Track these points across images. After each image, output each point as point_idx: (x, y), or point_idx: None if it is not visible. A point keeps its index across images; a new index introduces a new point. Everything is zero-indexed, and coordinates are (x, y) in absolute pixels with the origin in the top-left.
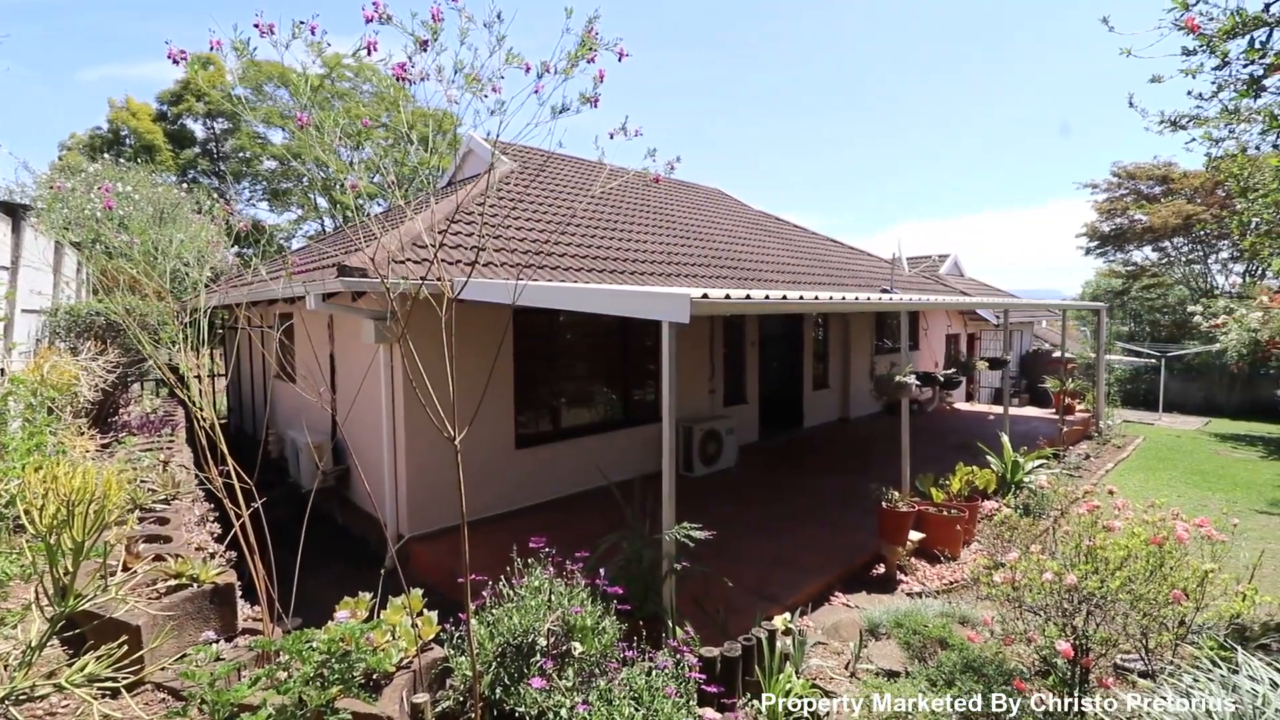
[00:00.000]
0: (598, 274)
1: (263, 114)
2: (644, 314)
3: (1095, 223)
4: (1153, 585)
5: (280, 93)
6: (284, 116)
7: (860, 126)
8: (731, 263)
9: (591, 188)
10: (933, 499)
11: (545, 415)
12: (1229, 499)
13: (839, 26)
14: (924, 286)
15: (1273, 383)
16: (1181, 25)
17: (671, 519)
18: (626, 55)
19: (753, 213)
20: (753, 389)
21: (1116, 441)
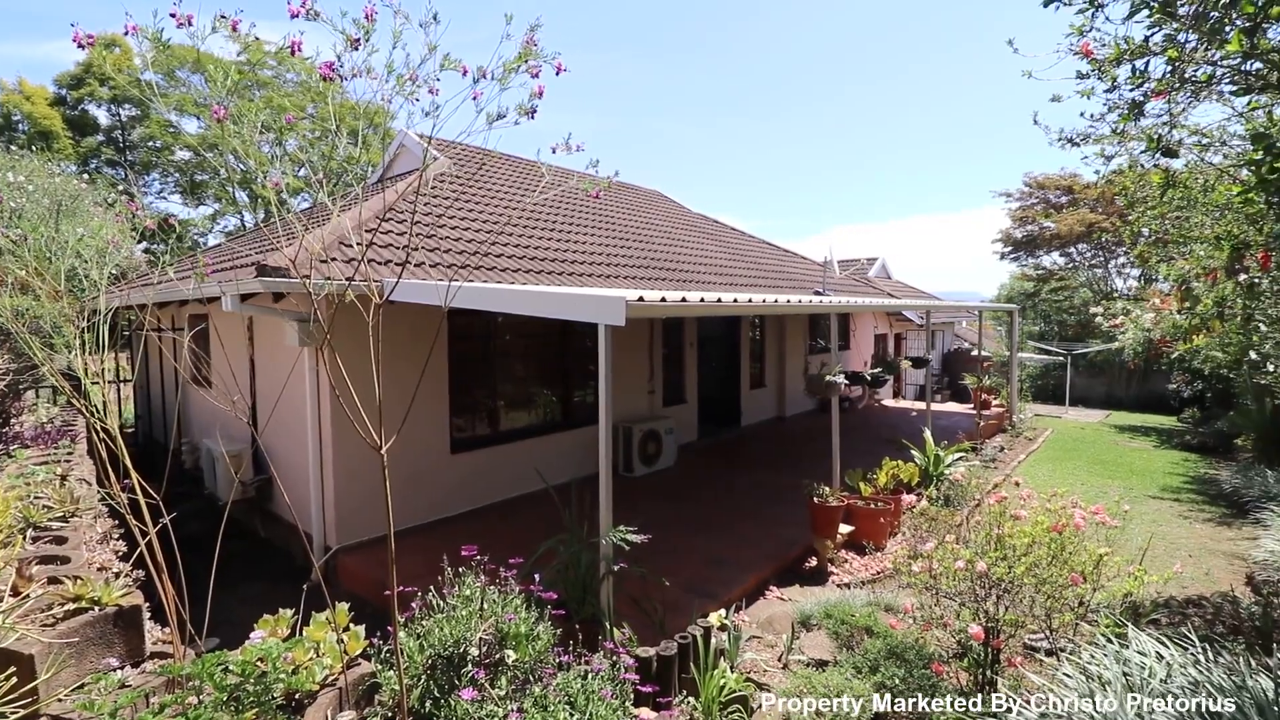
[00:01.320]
0: (535, 275)
1: (175, 101)
2: (580, 316)
3: (1009, 229)
4: (1054, 569)
5: (195, 78)
6: (199, 105)
7: (794, 132)
8: (670, 264)
9: (531, 186)
10: (861, 493)
11: (483, 418)
12: (1126, 486)
13: (777, 34)
14: (854, 289)
15: (1164, 378)
16: (1077, 50)
17: (609, 522)
18: (564, 70)
19: (691, 215)
20: (692, 389)
21: (1028, 434)
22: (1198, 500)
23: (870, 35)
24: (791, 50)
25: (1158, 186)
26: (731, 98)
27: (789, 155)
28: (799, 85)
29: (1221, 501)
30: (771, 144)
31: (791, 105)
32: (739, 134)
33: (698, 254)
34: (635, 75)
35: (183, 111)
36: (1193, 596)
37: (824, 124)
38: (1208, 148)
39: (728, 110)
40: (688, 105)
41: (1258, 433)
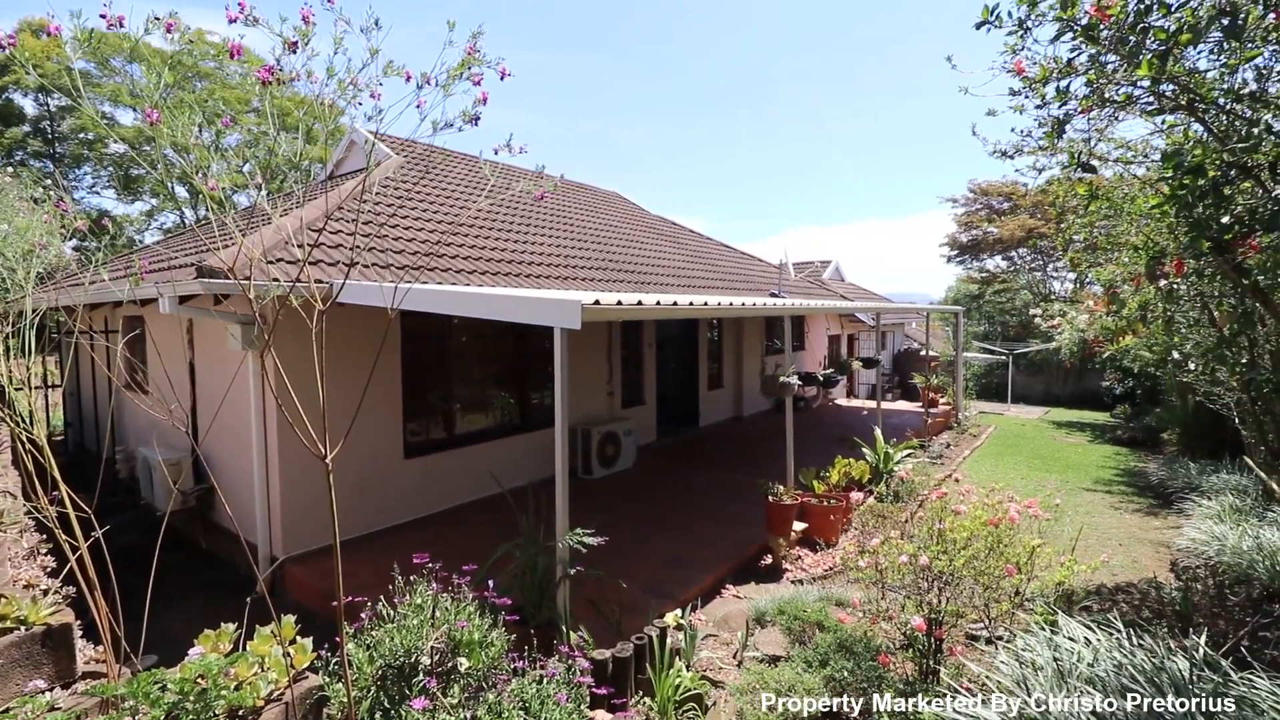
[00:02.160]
0: (491, 276)
1: (110, 91)
2: (534, 320)
3: (955, 234)
4: (991, 561)
5: (133, 68)
6: (134, 96)
7: (751, 135)
8: (628, 266)
9: (485, 185)
10: (814, 491)
11: (437, 422)
12: (1063, 479)
13: (733, 36)
14: (809, 291)
15: (1098, 376)
16: (1010, 68)
17: (565, 525)
18: (509, 75)
19: (650, 217)
20: (650, 390)
21: (973, 431)
22: (1128, 492)
23: (819, 39)
24: (748, 54)
25: (1083, 198)
26: (692, 101)
27: (746, 159)
28: (749, 88)
29: (1149, 493)
30: (730, 147)
31: (747, 109)
32: (699, 137)
33: (656, 256)
34: (598, 77)
35: (117, 102)
36: (1122, 583)
37: (777, 128)
38: (1132, 161)
39: (689, 114)
40: (650, 108)
41: (1181, 427)
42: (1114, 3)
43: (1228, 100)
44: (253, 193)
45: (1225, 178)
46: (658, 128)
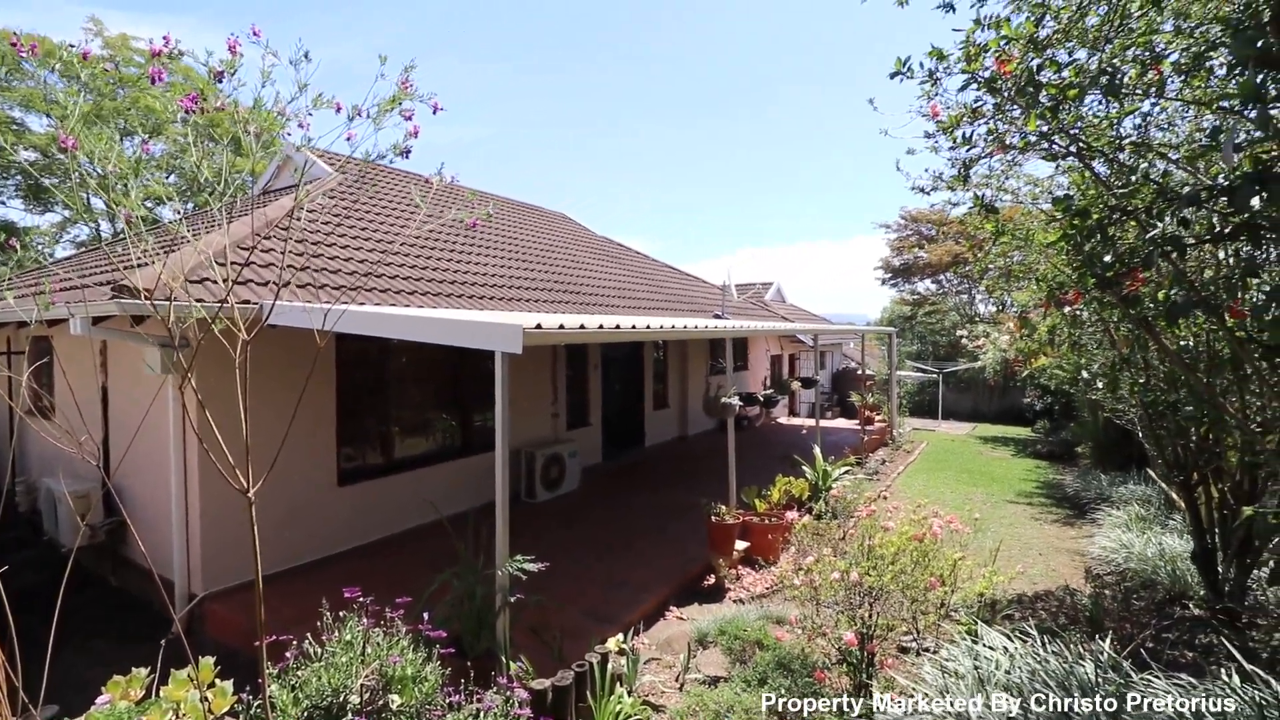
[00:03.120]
0: (432, 298)
1: (21, 96)
2: (475, 344)
3: (889, 258)
4: (917, 574)
5: (51, 75)
6: (48, 101)
7: (695, 158)
8: (574, 287)
9: (430, 202)
10: (756, 509)
11: (374, 447)
12: (988, 492)
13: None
14: (751, 312)
15: (1020, 393)
16: (926, 113)
17: (505, 551)
18: (441, 109)
19: (596, 238)
20: (596, 410)
21: (907, 447)
22: (1047, 503)
23: (748, 65)
24: (690, 74)
25: (991, 233)
26: (644, 120)
27: (691, 179)
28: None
29: (1066, 504)
30: (673, 168)
31: (696, 124)
32: (648, 160)
33: (602, 277)
34: (548, 92)
35: (29, 107)
36: (1041, 591)
37: (724, 148)
38: (1039, 197)
39: (638, 135)
40: (593, 124)
41: (1093, 441)
42: (1013, 58)
43: (1111, 150)
44: (178, 206)
45: (1109, 219)
46: (606, 141)
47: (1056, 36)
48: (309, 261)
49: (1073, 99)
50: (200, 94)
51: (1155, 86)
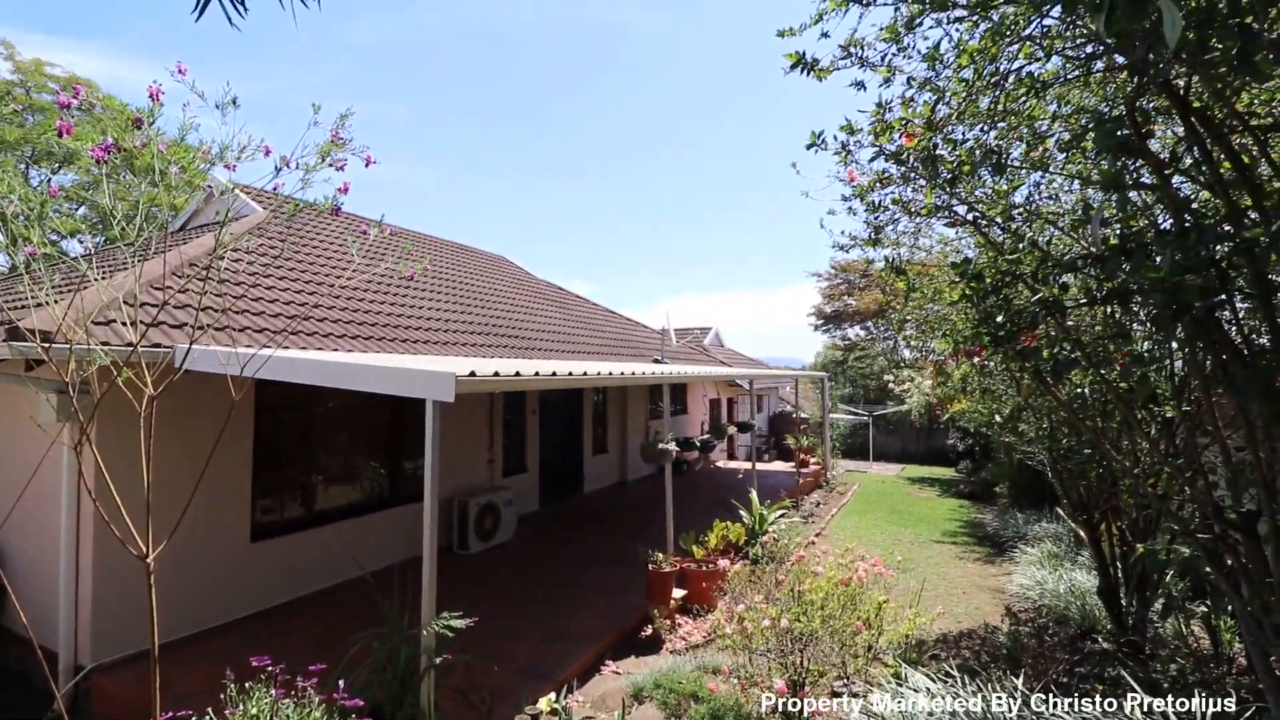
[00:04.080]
0: (364, 341)
1: None
2: (405, 392)
3: (820, 305)
4: (845, 618)
5: None
6: None
7: (637, 202)
8: (512, 331)
9: (365, 245)
10: (694, 556)
11: (294, 498)
12: (916, 532)
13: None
14: (690, 357)
15: (944, 434)
16: (843, 178)
17: (432, 609)
18: (374, 162)
19: (537, 281)
20: (533, 457)
21: (840, 489)
22: (970, 542)
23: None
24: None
25: (903, 291)
26: (586, 167)
27: (633, 225)
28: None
29: (987, 542)
30: (619, 212)
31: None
32: (590, 205)
33: (541, 321)
34: (491, 138)
35: None
36: (965, 630)
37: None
38: (948, 255)
39: (582, 181)
40: (542, 172)
41: (1010, 482)
42: (918, 132)
43: (1003, 218)
44: (88, 244)
45: (1001, 282)
46: (547, 190)
47: (953, 117)
48: (231, 303)
49: (966, 174)
50: (115, 143)
51: (1040, 162)
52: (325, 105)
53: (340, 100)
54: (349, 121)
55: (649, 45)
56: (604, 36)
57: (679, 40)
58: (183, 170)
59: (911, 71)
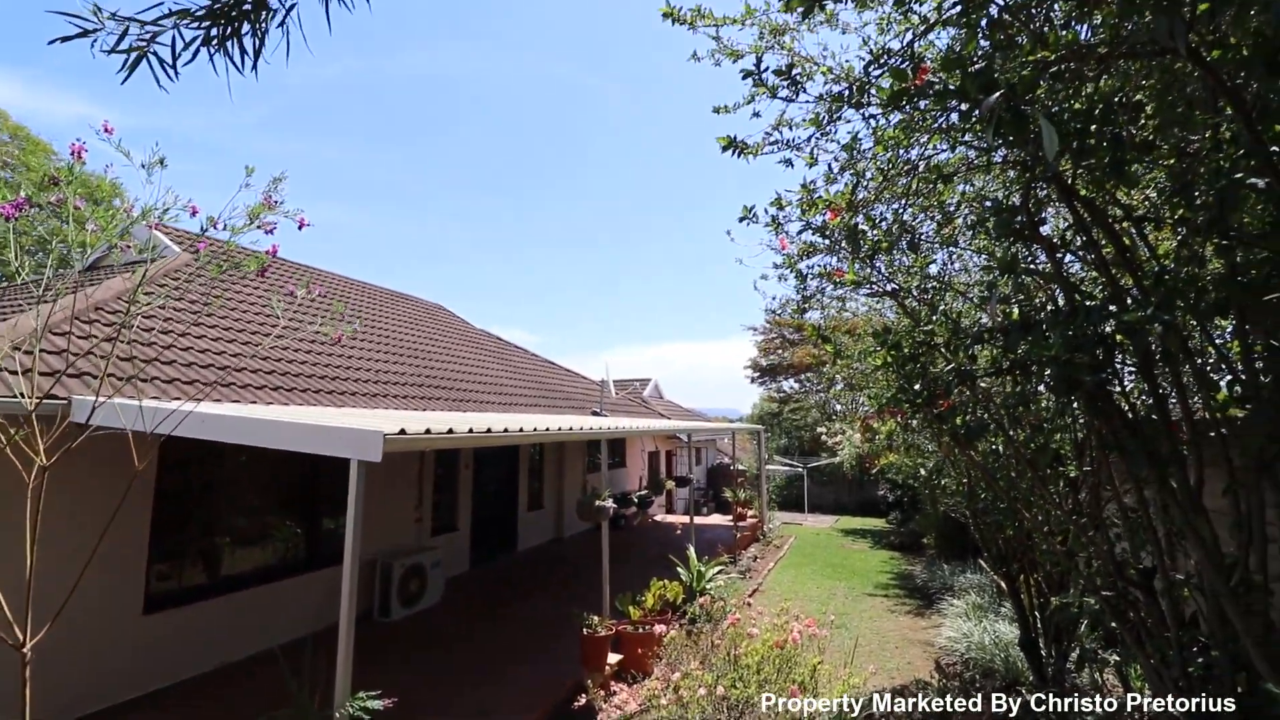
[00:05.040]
0: (289, 394)
1: None
2: (329, 451)
3: (757, 358)
4: (780, 683)
5: None
6: None
7: (586, 256)
8: (448, 383)
9: (296, 290)
10: (630, 617)
11: (197, 563)
12: (850, 586)
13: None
14: (630, 409)
15: (875, 486)
16: (775, 246)
17: (346, 687)
18: (308, 225)
19: (475, 331)
20: (465, 514)
21: (776, 542)
22: (901, 594)
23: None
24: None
25: (830, 354)
26: (533, 222)
27: (577, 278)
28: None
29: (917, 594)
30: (563, 267)
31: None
32: (534, 258)
33: (479, 372)
34: (436, 186)
35: None
36: (898, 686)
37: (609, 251)
38: (873, 320)
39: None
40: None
41: (937, 532)
42: (841, 209)
43: (919, 290)
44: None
45: (918, 350)
46: (491, 238)
47: (872, 199)
48: (140, 351)
49: (885, 249)
50: (28, 200)
51: (950, 239)
52: (256, 144)
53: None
54: (282, 185)
55: (603, 108)
56: (559, 96)
57: (633, 105)
58: (102, 230)
59: (835, 154)
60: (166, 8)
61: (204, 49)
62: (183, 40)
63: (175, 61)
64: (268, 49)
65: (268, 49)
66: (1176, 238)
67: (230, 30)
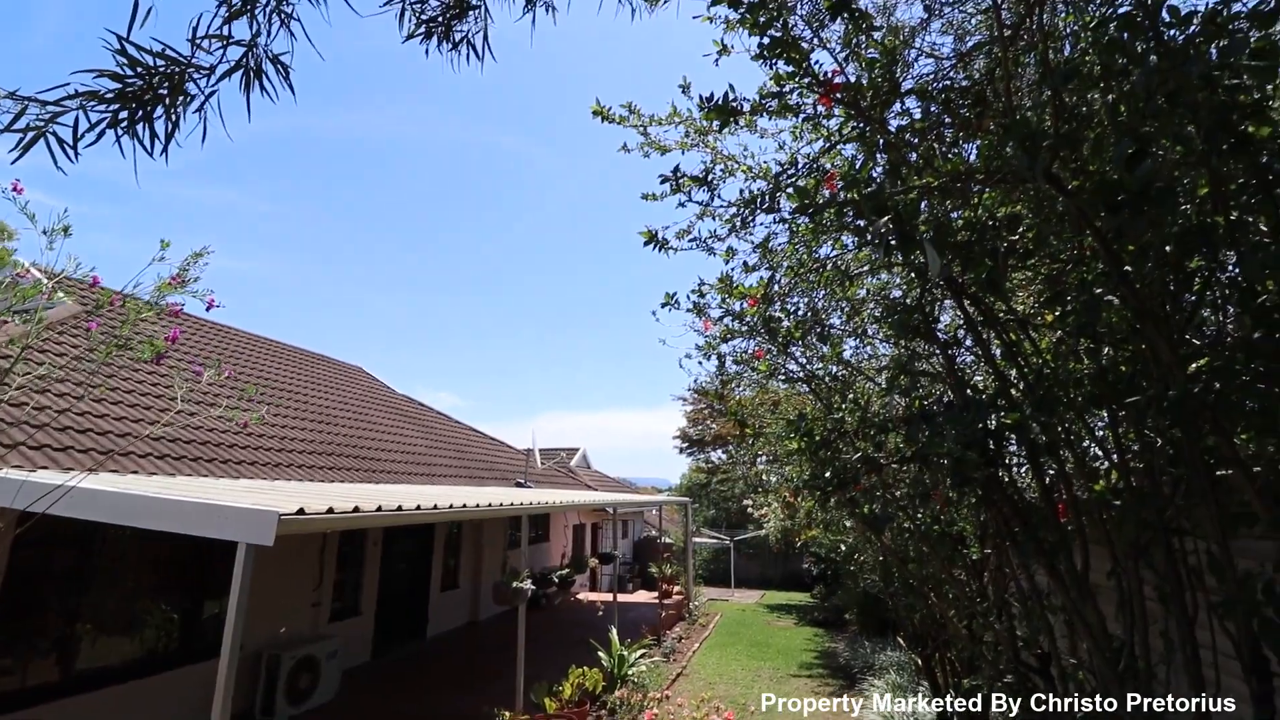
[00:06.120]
0: (175, 462)
1: None
2: (214, 533)
3: (685, 428)
4: None
5: None
6: None
7: (517, 323)
8: (363, 452)
9: (208, 353)
10: (546, 710)
11: (48, 656)
12: (775, 666)
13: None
14: (556, 480)
15: (800, 559)
16: (698, 328)
17: None
18: (217, 305)
19: (396, 396)
20: (370, 596)
21: (702, 620)
22: (824, 674)
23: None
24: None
25: (750, 435)
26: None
27: (507, 342)
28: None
29: (841, 674)
30: (492, 332)
31: (510, 295)
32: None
33: (397, 440)
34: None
35: None
36: None
37: (542, 317)
38: (790, 397)
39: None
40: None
41: (858, 608)
42: (757, 299)
43: (830, 379)
44: None
45: (829, 437)
46: (419, 300)
47: (785, 293)
48: (5, 413)
49: (798, 338)
50: None
51: (858, 329)
52: (182, 190)
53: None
54: (204, 260)
55: (531, 173)
56: (483, 158)
57: (565, 173)
58: None
59: (753, 246)
60: (73, 88)
61: (111, 130)
62: (88, 121)
63: (76, 143)
64: (181, 131)
65: (181, 131)
66: (1056, 334)
67: (141, 115)
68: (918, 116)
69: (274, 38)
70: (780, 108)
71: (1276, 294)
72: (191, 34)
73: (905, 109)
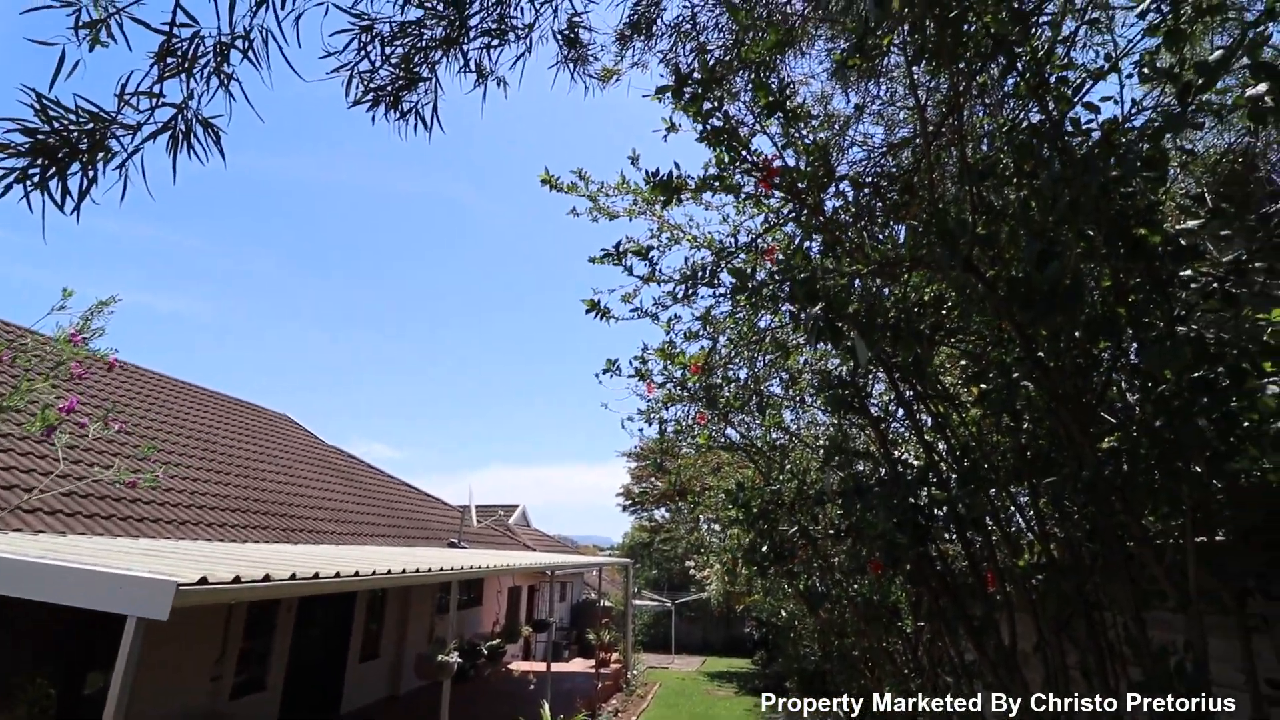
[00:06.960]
0: (68, 519)
1: None
2: (100, 606)
3: (630, 485)
4: None
5: None
6: None
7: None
8: (283, 509)
9: (127, 399)
10: None
11: None
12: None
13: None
14: (492, 539)
15: (742, 623)
16: (641, 392)
17: None
18: (119, 365)
19: (325, 448)
20: (279, 669)
21: (640, 690)
22: None
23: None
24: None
25: (690, 503)
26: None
27: (452, 393)
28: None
29: None
30: (436, 381)
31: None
32: (399, 365)
33: (323, 495)
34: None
35: None
36: None
37: (480, 369)
38: (732, 462)
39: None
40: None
41: (799, 675)
42: (699, 367)
43: (769, 449)
44: None
45: (767, 508)
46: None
47: (725, 364)
48: None
49: (738, 408)
50: None
51: (796, 399)
52: (101, 222)
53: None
54: (109, 309)
55: (482, 223)
56: (430, 207)
57: (517, 227)
58: None
59: (695, 315)
60: None
61: (19, 185)
62: None
63: None
64: (99, 187)
65: (99, 187)
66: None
67: (54, 170)
68: (852, 199)
69: (212, 97)
70: (723, 186)
71: (1174, 384)
72: (120, 90)
73: (840, 190)
